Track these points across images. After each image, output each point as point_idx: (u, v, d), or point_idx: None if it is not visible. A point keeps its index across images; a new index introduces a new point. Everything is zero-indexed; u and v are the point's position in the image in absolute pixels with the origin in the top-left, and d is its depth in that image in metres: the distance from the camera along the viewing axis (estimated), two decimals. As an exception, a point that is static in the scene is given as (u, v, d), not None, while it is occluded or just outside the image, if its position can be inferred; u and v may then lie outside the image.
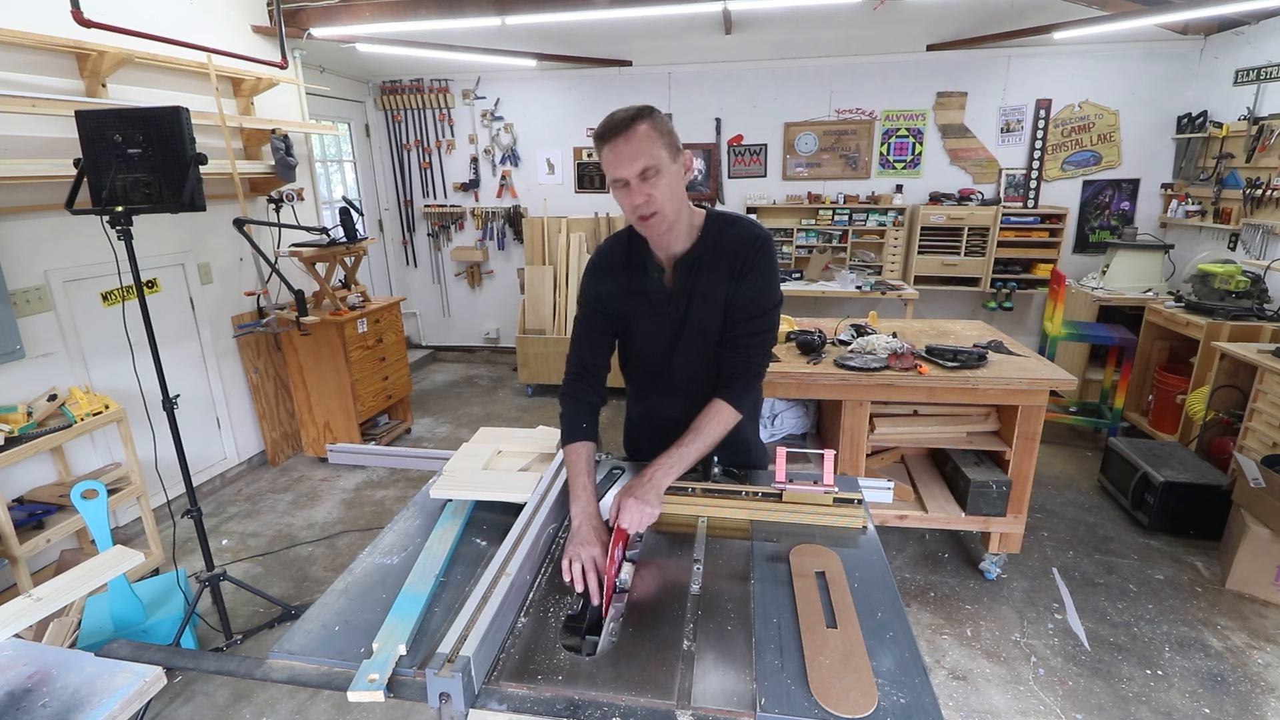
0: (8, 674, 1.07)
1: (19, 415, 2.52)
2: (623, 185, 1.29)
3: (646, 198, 1.28)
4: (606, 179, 1.33)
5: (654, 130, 1.27)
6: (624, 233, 1.51)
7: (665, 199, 1.29)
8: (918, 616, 2.57)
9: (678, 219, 1.36)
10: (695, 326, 1.45)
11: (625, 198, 1.31)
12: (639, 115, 1.26)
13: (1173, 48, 4.47)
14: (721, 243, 1.41)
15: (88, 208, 2.08)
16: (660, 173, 1.27)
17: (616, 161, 1.27)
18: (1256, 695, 2.18)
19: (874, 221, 5.03)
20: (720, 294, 1.42)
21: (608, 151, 1.28)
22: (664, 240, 1.39)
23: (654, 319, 1.49)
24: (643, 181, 1.27)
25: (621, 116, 1.27)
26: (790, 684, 0.90)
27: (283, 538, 3.24)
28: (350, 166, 5.66)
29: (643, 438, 1.68)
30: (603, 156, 1.30)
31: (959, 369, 2.52)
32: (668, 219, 1.32)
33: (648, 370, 1.58)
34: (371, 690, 0.88)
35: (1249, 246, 3.96)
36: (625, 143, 1.25)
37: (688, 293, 1.43)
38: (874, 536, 1.30)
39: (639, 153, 1.25)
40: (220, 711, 2.18)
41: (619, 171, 1.27)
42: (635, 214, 1.32)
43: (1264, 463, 2.70)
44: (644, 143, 1.25)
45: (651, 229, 1.34)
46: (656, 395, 1.59)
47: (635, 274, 1.47)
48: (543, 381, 5.15)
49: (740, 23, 4.31)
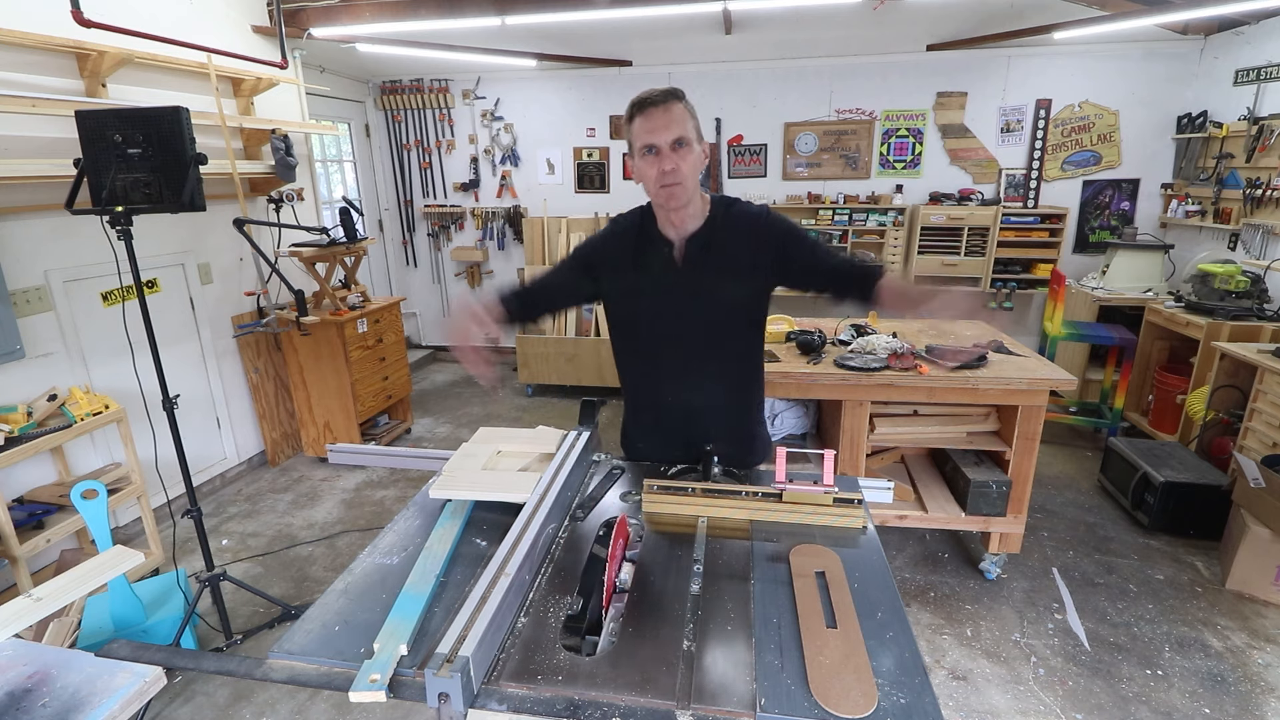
0: (8, 674, 1.07)
1: (19, 415, 2.52)
2: (654, 153, 1.36)
3: (674, 166, 1.35)
4: (633, 149, 1.40)
5: (687, 110, 1.37)
6: (635, 212, 1.56)
7: (689, 172, 1.37)
8: (918, 616, 2.57)
9: (693, 197, 1.43)
10: (709, 298, 1.49)
11: (653, 165, 1.37)
12: (676, 93, 1.36)
13: (1173, 48, 4.47)
14: (731, 219, 1.48)
15: (88, 208, 2.08)
16: (689, 147, 1.36)
17: (652, 129, 1.35)
18: (1256, 695, 2.18)
19: (874, 221, 5.03)
20: (745, 261, 1.47)
21: (643, 120, 1.36)
22: (679, 216, 1.45)
23: (658, 294, 1.51)
24: (672, 151, 1.35)
25: (661, 90, 1.36)
26: (790, 684, 0.90)
27: (283, 538, 3.24)
28: (350, 166, 5.66)
29: (640, 433, 1.68)
30: (636, 125, 1.37)
31: (959, 369, 2.52)
32: (688, 191, 1.39)
33: (648, 350, 1.58)
34: (373, 690, 0.88)
35: (1249, 246, 3.96)
36: (663, 113, 1.34)
37: (701, 266, 1.48)
38: (874, 536, 1.30)
39: (675, 123, 1.34)
40: (220, 711, 2.18)
41: (655, 138, 1.34)
42: (661, 181, 1.37)
43: (1264, 463, 2.70)
44: (680, 116, 1.35)
45: (673, 199, 1.39)
46: (655, 377, 1.59)
47: (644, 248, 1.51)
48: (543, 381, 5.15)
49: (740, 23, 4.31)
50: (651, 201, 1.49)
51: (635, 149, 1.40)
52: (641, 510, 1.39)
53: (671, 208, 1.43)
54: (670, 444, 1.60)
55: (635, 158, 1.41)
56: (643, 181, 1.42)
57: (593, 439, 1.67)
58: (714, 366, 1.53)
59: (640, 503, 1.39)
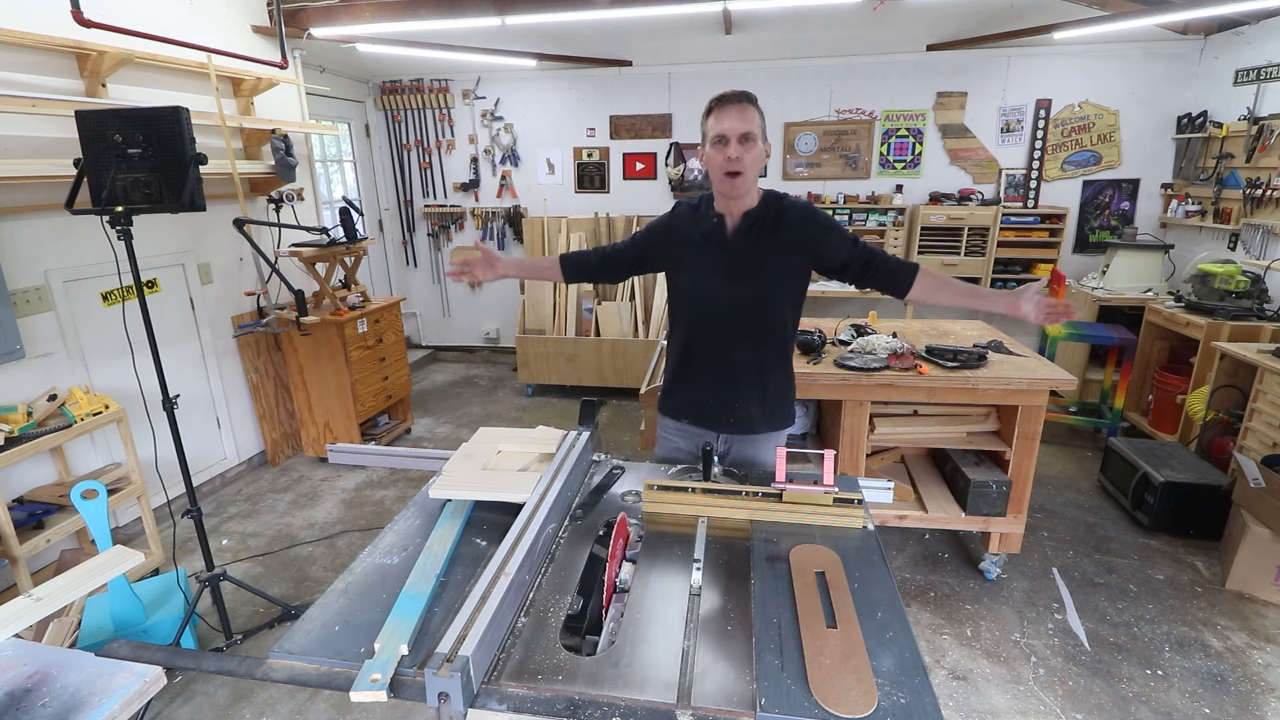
0: (8, 674, 1.07)
1: (19, 415, 2.52)
2: (724, 143, 1.56)
3: (739, 156, 1.55)
4: (706, 139, 1.61)
5: (757, 112, 1.58)
6: (696, 197, 1.78)
7: (750, 164, 1.57)
8: (918, 616, 2.57)
9: (751, 189, 1.65)
10: (753, 272, 1.69)
11: (722, 153, 1.57)
12: (750, 96, 1.58)
13: (1173, 48, 4.47)
14: (782, 209, 1.69)
15: (88, 208, 2.08)
16: (754, 142, 1.57)
17: (729, 121, 1.55)
18: (1256, 695, 2.18)
19: (874, 221, 5.03)
20: (788, 242, 1.67)
21: (719, 113, 1.57)
22: (737, 204, 1.65)
23: (709, 265, 1.71)
24: (740, 144, 1.55)
25: (738, 91, 1.58)
26: (790, 684, 0.90)
27: (283, 538, 3.24)
28: (350, 166, 5.66)
29: (681, 388, 1.85)
30: (713, 117, 1.59)
31: (959, 369, 2.52)
32: (748, 181, 1.60)
33: (696, 313, 1.78)
34: (374, 690, 0.88)
35: (1249, 246, 3.96)
36: (738, 111, 1.56)
37: (748, 243, 1.67)
38: (874, 536, 1.30)
39: (748, 120, 1.56)
40: (220, 711, 2.18)
41: (729, 128, 1.55)
42: (726, 168, 1.57)
43: (1264, 463, 2.70)
44: (750, 115, 1.56)
45: (735, 187, 1.60)
46: (699, 338, 1.79)
47: (701, 224, 1.72)
48: (543, 381, 5.15)
49: (740, 23, 4.31)
50: (714, 188, 1.68)
51: (709, 139, 1.60)
52: (642, 510, 1.39)
53: (731, 195, 1.62)
54: (704, 399, 1.80)
55: (707, 146, 1.61)
56: (710, 168, 1.62)
57: (593, 439, 1.67)
58: (751, 334, 1.72)
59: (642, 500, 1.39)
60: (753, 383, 1.76)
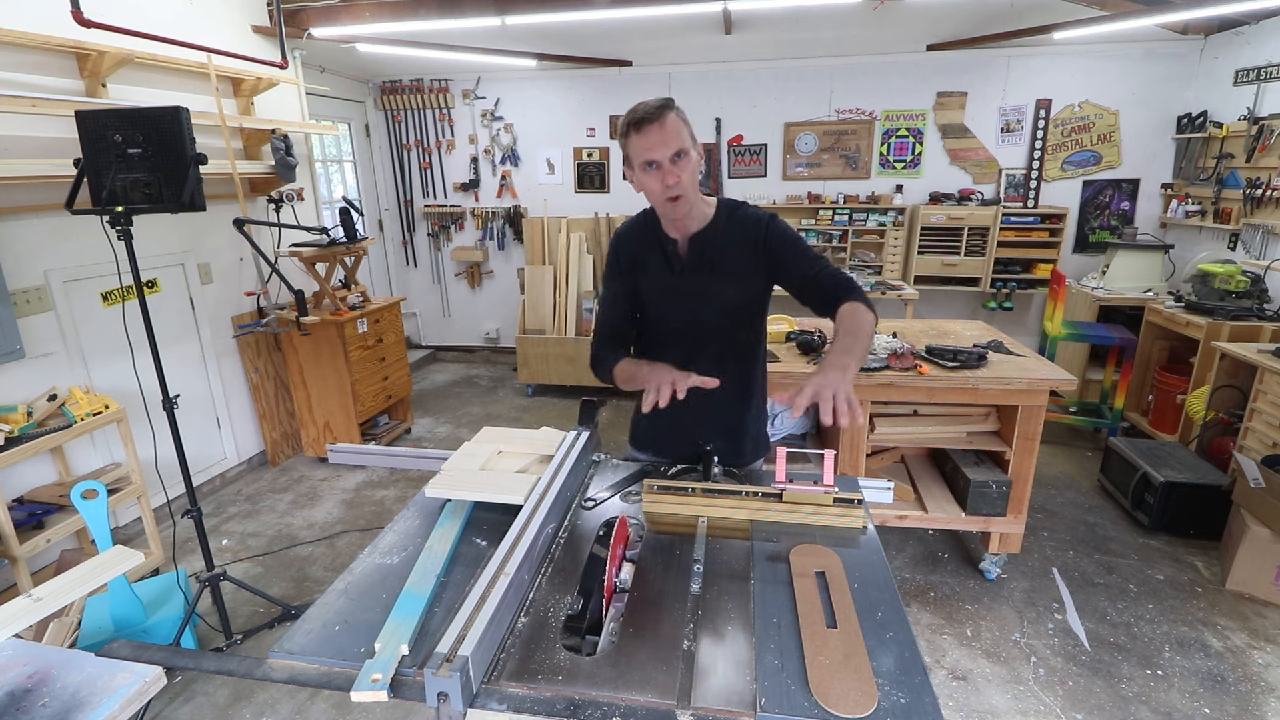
0: (8, 674, 1.07)
1: (19, 415, 2.52)
2: (655, 168, 1.38)
3: (677, 179, 1.38)
4: (633, 163, 1.42)
5: (679, 120, 1.38)
6: (639, 217, 1.61)
7: (689, 182, 1.41)
8: (918, 616, 2.57)
9: (695, 202, 1.48)
10: (709, 297, 1.54)
11: (656, 180, 1.39)
12: (667, 105, 1.37)
13: (1173, 48, 4.47)
14: (734, 221, 1.53)
15: (88, 208, 2.08)
16: (687, 157, 1.39)
17: (651, 146, 1.36)
18: (1256, 695, 2.18)
19: (874, 221, 5.03)
20: (744, 264, 1.52)
21: (640, 138, 1.37)
22: (683, 222, 1.50)
23: (662, 292, 1.57)
24: (673, 164, 1.37)
25: (653, 105, 1.36)
26: (790, 684, 0.90)
27: (283, 538, 3.24)
28: (350, 166, 5.66)
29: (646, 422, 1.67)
30: (633, 142, 1.39)
31: (959, 369, 2.52)
32: (690, 200, 1.44)
33: (653, 344, 1.64)
34: (375, 690, 0.88)
35: (1249, 246, 3.96)
36: (660, 129, 1.35)
37: (704, 262, 1.53)
38: (874, 536, 1.30)
39: (672, 137, 1.36)
40: (220, 711, 2.18)
41: (655, 154, 1.36)
42: (665, 195, 1.41)
43: (1264, 463, 2.70)
44: (675, 128, 1.36)
45: (678, 209, 1.45)
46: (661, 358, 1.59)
47: (650, 248, 1.57)
48: (543, 381, 5.15)
49: (740, 23, 4.31)
50: (657, 211, 1.53)
51: (635, 163, 1.42)
52: (642, 510, 1.39)
53: (675, 217, 1.48)
54: (671, 436, 1.65)
55: (636, 170, 1.43)
56: (646, 195, 1.46)
57: (592, 439, 1.67)
58: (713, 363, 1.54)
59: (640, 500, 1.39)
60: (723, 422, 1.61)
